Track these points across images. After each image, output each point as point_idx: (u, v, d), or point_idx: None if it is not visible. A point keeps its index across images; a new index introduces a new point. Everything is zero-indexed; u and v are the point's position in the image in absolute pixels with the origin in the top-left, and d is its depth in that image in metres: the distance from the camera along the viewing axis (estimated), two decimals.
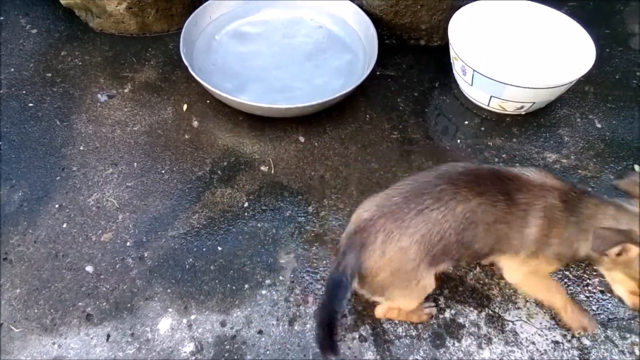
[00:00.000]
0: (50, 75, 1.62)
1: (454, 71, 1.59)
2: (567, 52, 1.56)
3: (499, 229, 0.99)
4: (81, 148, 1.44)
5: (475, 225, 0.98)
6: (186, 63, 1.49)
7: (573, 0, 1.96)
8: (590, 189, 1.36)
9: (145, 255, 1.24)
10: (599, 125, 1.57)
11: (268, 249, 1.26)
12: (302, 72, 1.64)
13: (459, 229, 0.97)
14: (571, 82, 1.44)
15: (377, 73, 1.68)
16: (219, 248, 1.26)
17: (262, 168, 1.43)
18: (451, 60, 1.58)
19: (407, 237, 0.95)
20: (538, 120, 1.57)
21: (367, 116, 1.57)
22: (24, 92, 1.57)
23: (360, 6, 1.68)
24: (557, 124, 1.57)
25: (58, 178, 1.38)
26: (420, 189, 0.98)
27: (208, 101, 1.57)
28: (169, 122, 1.52)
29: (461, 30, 1.57)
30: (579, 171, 1.45)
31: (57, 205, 1.32)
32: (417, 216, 0.95)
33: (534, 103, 1.50)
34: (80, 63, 1.66)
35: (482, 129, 1.55)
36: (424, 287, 1.02)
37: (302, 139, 1.51)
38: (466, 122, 1.56)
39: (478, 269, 1.24)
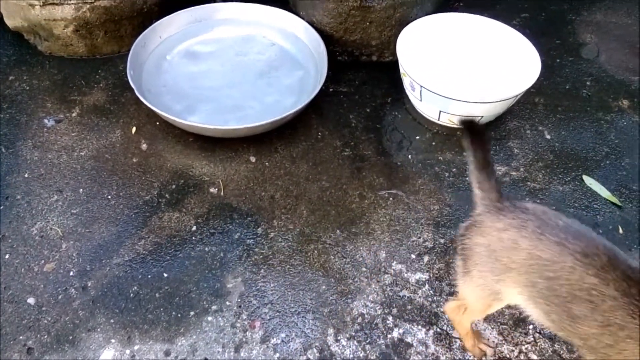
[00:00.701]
0: None
1: (404, 86, 1.59)
2: (514, 65, 1.58)
3: (619, 338, 0.82)
4: (26, 175, 1.42)
5: (597, 315, 0.82)
6: (133, 86, 1.48)
7: (525, 12, 1.99)
8: None
9: (89, 284, 1.22)
10: (548, 137, 1.58)
11: (215, 274, 1.25)
12: (253, 91, 1.63)
13: (577, 296, 0.84)
14: (517, 96, 1.45)
15: (330, 90, 1.68)
16: (165, 274, 1.24)
17: (212, 190, 1.42)
18: (401, 76, 1.59)
19: (530, 239, 0.88)
20: (488, 133, 1.58)
21: (319, 134, 1.57)
22: None
23: (311, 23, 1.69)
24: (507, 136, 1.58)
25: (1, 207, 1.35)
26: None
27: (157, 123, 1.56)
28: (117, 145, 1.50)
29: (409, 46, 1.58)
30: (528, 183, 1.46)
31: None
32: (553, 239, 0.87)
33: (482, 117, 1.52)
34: (27, 88, 1.63)
35: (433, 143, 1.56)
36: (498, 296, 0.95)
37: (253, 159, 1.50)
38: (418, 137, 1.57)
39: (427, 286, 1.24)
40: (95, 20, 1.61)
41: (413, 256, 1.29)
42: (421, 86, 1.47)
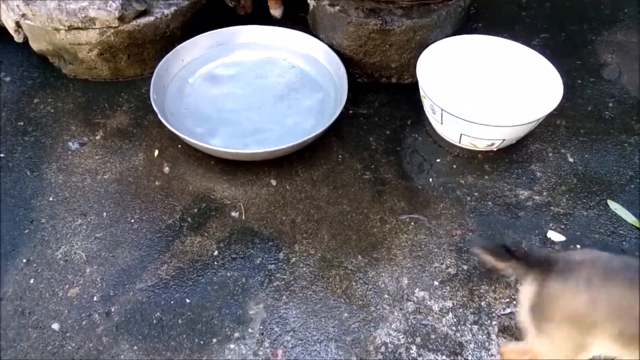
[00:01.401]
0: (22, 124, 1.62)
1: (425, 109, 1.59)
2: (535, 88, 1.57)
3: None
4: (51, 199, 1.44)
5: None
6: (156, 109, 1.50)
7: (544, 32, 1.98)
8: None
9: (112, 310, 1.23)
10: (571, 160, 1.57)
11: (237, 300, 1.25)
12: (274, 113, 1.64)
13: None
14: (538, 120, 1.44)
15: (350, 112, 1.69)
16: (187, 300, 1.25)
17: (233, 214, 1.42)
18: (421, 99, 1.58)
19: (603, 290, 0.90)
20: (510, 156, 1.57)
21: (340, 156, 1.57)
22: None
23: (331, 46, 1.70)
24: (529, 159, 1.57)
25: (26, 231, 1.37)
26: None
27: (179, 146, 1.57)
28: (140, 168, 1.52)
29: (429, 69, 1.58)
30: (552, 208, 1.44)
31: (24, 260, 1.31)
32: (623, 281, 0.90)
33: (504, 140, 1.51)
34: (52, 110, 1.66)
35: (454, 166, 1.55)
36: (585, 348, 0.95)
37: (273, 182, 1.50)
38: (438, 160, 1.56)
39: (451, 314, 1.23)
40: (119, 44, 1.63)
41: (436, 283, 1.28)
42: (442, 109, 1.47)
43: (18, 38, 1.74)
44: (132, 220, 1.40)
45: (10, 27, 1.71)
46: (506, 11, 2.08)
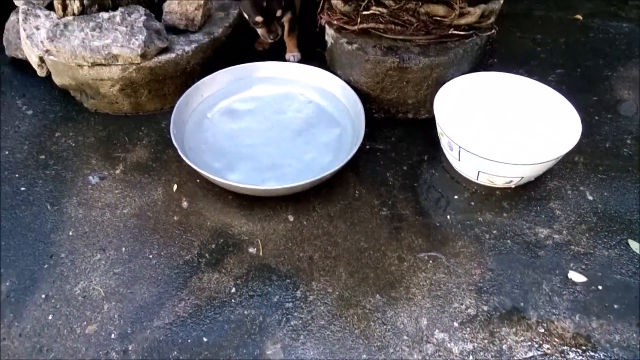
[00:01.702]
0: (43, 157, 1.65)
1: (442, 145, 1.60)
2: (553, 125, 1.57)
3: None
4: (70, 233, 1.45)
5: None
6: (176, 145, 1.52)
7: (560, 68, 1.99)
8: None
9: (130, 348, 1.22)
10: (590, 198, 1.55)
11: (255, 339, 1.24)
12: (292, 148, 1.66)
13: None
14: (557, 158, 1.44)
15: (367, 147, 1.69)
16: (205, 339, 1.24)
17: (251, 250, 1.42)
18: (438, 136, 1.59)
19: None
20: (528, 193, 1.57)
21: (357, 192, 1.58)
22: (17, 175, 1.59)
23: (348, 82, 1.72)
24: (547, 196, 1.56)
25: (46, 266, 1.37)
26: None
27: (198, 180, 1.59)
28: (159, 203, 1.53)
29: (447, 106, 1.59)
30: (572, 247, 1.43)
31: (43, 296, 1.31)
32: None
33: (522, 177, 1.50)
34: (73, 144, 1.69)
35: (472, 203, 1.54)
36: None
37: (291, 218, 1.51)
38: (456, 197, 1.56)
39: (471, 357, 1.20)
40: (140, 80, 1.66)
41: (456, 324, 1.26)
42: (460, 147, 1.47)
43: (41, 72, 1.78)
44: (151, 256, 1.40)
45: (33, 61, 1.76)
46: (521, 46, 2.09)
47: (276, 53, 1.98)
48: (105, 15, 1.63)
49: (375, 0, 1.61)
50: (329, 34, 1.73)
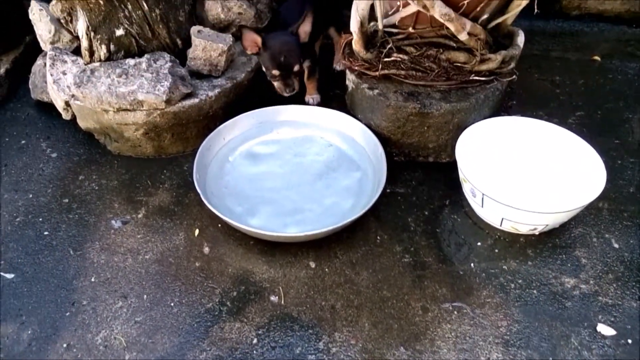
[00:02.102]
0: (67, 201, 1.66)
1: (464, 191, 1.59)
2: (577, 172, 1.55)
3: None
4: (92, 280, 1.45)
5: None
6: (199, 190, 1.52)
7: (580, 110, 1.98)
8: None
9: None
10: (616, 245, 1.53)
11: None
12: (312, 192, 1.66)
13: None
14: (583, 206, 1.42)
15: (387, 190, 1.69)
16: None
17: (272, 298, 1.41)
18: (460, 181, 1.58)
19: None
20: (553, 241, 1.54)
21: (378, 238, 1.57)
22: (40, 219, 1.61)
23: (369, 126, 1.73)
24: (572, 244, 1.54)
25: (68, 314, 1.37)
26: None
27: (219, 225, 1.59)
28: (181, 248, 1.53)
29: (469, 151, 1.59)
30: (600, 298, 1.40)
31: (65, 345, 1.31)
32: None
33: (547, 225, 1.48)
34: (96, 187, 1.70)
35: (496, 250, 1.52)
36: None
37: (312, 265, 1.49)
38: (479, 244, 1.54)
39: None
40: (164, 125, 1.69)
41: None
42: (483, 194, 1.46)
43: (66, 116, 1.81)
44: (172, 304, 1.40)
45: (59, 105, 1.79)
46: (540, 88, 2.10)
47: (296, 95, 2.00)
48: (131, 61, 1.67)
49: (397, 47, 1.63)
50: (350, 79, 1.75)
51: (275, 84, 1.81)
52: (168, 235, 1.57)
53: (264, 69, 1.81)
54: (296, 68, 1.77)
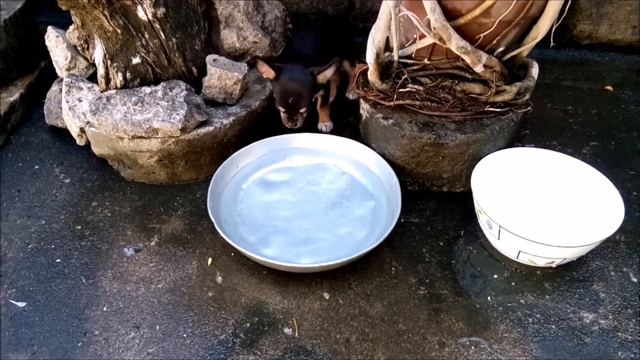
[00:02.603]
0: (79, 227, 1.65)
1: (480, 223, 1.57)
2: (594, 204, 1.54)
3: None
4: (105, 309, 1.43)
5: None
6: (212, 219, 1.52)
7: (593, 140, 1.98)
8: None
9: None
10: (634, 280, 1.51)
11: None
12: (326, 222, 1.65)
13: None
14: (601, 240, 1.41)
15: (401, 220, 1.68)
16: None
17: (286, 330, 1.39)
18: (476, 212, 1.57)
19: None
20: (570, 274, 1.52)
21: (393, 269, 1.55)
22: (52, 246, 1.60)
23: (383, 155, 1.72)
24: (590, 278, 1.51)
25: (79, 344, 1.35)
26: None
27: (233, 254, 1.57)
28: (194, 278, 1.52)
29: (484, 182, 1.58)
30: (619, 334, 1.37)
31: None
32: None
33: (565, 259, 1.47)
34: (109, 214, 1.70)
35: (513, 283, 1.50)
36: None
37: (326, 296, 1.48)
38: (495, 276, 1.52)
39: None
40: (178, 152, 1.69)
41: None
42: (500, 226, 1.45)
43: (80, 142, 1.82)
44: (185, 335, 1.38)
45: (74, 131, 1.80)
46: (553, 118, 2.10)
47: (310, 122, 2.00)
48: (147, 89, 1.68)
49: (412, 78, 1.64)
50: (364, 108, 1.76)
51: (281, 115, 1.82)
52: (181, 263, 1.56)
53: (275, 96, 1.83)
54: (302, 110, 1.78)
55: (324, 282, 1.51)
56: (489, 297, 1.47)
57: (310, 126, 1.95)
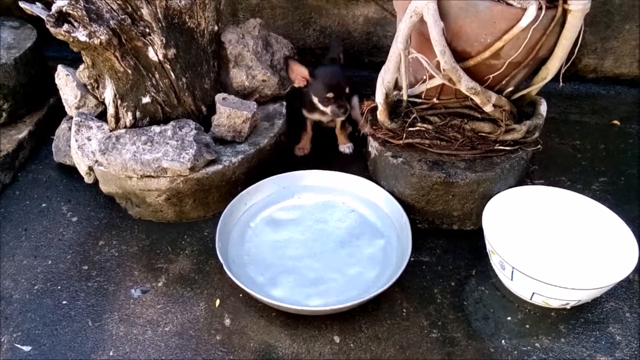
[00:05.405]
0: (86, 267, 1.64)
1: (492, 263, 1.55)
2: (607, 245, 1.52)
3: None
4: (111, 354, 1.40)
5: None
6: (221, 259, 1.50)
7: (602, 175, 1.97)
8: None
9: None
10: None
11: None
12: (335, 261, 1.63)
13: None
14: (616, 282, 1.38)
15: (412, 259, 1.65)
16: None
17: None
18: (488, 252, 1.55)
19: None
20: (585, 315, 1.49)
21: (404, 310, 1.52)
22: (59, 287, 1.58)
23: (392, 193, 1.71)
24: (605, 319, 1.48)
25: None
26: None
27: (241, 295, 1.55)
28: (201, 320, 1.49)
29: (495, 222, 1.56)
30: None
31: None
32: None
33: (579, 300, 1.44)
34: (116, 254, 1.68)
35: (527, 326, 1.47)
36: None
37: (337, 339, 1.45)
38: (509, 318, 1.49)
39: None
40: (186, 191, 1.68)
41: None
42: (513, 267, 1.43)
43: (88, 180, 1.82)
44: None
45: (82, 170, 1.80)
46: (561, 153, 2.09)
47: (316, 159, 2.01)
48: (156, 129, 1.68)
49: (421, 117, 1.64)
50: (373, 146, 1.75)
51: (329, 108, 1.86)
52: (188, 305, 1.53)
53: (314, 99, 1.88)
54: (347, 90, 1.86)
55: (334, 324, 1.48)
56: (503, 341, 1.43)
57: (319, 165, 1.93)
